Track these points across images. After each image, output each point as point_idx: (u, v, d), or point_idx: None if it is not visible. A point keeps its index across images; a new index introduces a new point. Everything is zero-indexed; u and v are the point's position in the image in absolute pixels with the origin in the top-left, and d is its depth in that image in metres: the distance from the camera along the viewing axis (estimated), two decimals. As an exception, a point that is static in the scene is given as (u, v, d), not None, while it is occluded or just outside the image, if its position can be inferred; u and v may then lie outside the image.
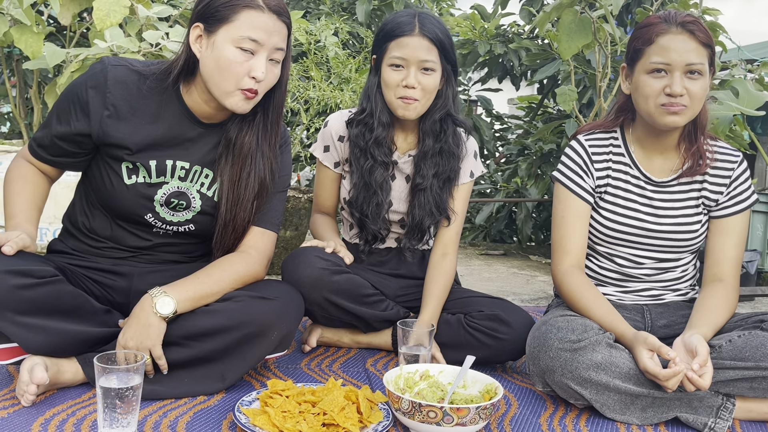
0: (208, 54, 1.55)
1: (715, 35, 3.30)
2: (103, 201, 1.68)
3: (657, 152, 1.81)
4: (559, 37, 2.77)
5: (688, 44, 1.66)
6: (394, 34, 1.89)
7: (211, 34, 1.55)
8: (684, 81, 1.66)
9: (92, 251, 1.71)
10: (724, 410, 1.58)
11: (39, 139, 1.67)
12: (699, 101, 1.69)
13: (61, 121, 1.62)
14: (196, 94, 1.64)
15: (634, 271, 1.84)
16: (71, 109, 1.60)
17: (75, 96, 1.59)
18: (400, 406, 1.44)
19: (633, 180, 1.83)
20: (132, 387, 1.31)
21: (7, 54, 3.69)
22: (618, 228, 1.81)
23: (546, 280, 3.77)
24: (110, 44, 2.72)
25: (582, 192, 1.84)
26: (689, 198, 1.81)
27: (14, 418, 1.43)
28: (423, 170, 2.01)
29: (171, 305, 1.54)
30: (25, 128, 3.61)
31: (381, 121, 1.97)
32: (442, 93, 1.98)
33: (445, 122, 2.00)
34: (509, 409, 1.66)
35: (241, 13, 1.52)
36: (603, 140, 1.86)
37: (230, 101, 1.58)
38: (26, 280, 1.44)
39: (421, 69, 1.89)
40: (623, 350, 1.61)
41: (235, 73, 1.54)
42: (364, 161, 1.99)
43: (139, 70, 1.62)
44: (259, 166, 1.70)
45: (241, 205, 1.69)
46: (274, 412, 1.40)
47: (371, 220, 2.02)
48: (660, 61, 1.68)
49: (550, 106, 5.86)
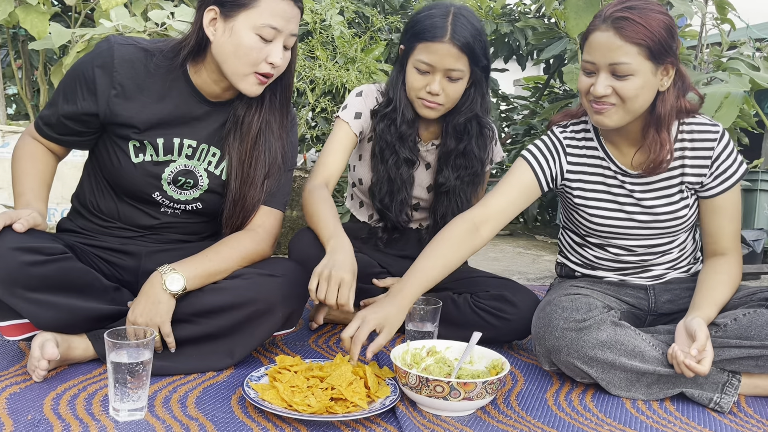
0: (225, 38, 1.54)
1: (724, 13, 3.27)
2: (110, 180, 1.69)
3: (626, 145, 1.75)
4: (566, 15, 2.75)
5: (612, 42, 1.56)
6: (424, 36, 1.81)
7: (228, 18, 1.53)
8: (610, 80, 1.59)
9: (101, 230, 1.72)
10: (730, 386, 1.59)
11: (45, 117, 1.67)
12: (632, 101, 1.60)
13: (68, 100, 1.62)
14: (205, 74, 1.63)
15: (630, 257, 1.83)
16: (78, 88, 1.60)
17: (81, 75, 1.59)
18: (408, 381, 1.45)
19: (610, 173, 1.79)
20: (142, 362, 1.33)
21: (12, 35, 3.69)
22: (604, 223, 1.80)
23: (551, 260, 3.78)
24: (116, 24, 2.72)
25: (538, 170, 1.79)
26: (669, 186, 1.75)
27: (26, 392, 1.45)
28: (446, 172, 1.97)
29: (180, 282, 1.55)
30: (32, 109, 3.61)
31: (405, 117, 1.92)
32: (468, 96, 1.92)
33: (469, 123, 1.95)
34: (515, 384, 1.68)
35: (262, 0, 1.52)
36: (576, 134, 1.83)
37: (244, 84, 1.58)
38: (36, 257, 1.45)
39: (447, 76, 1.83)
40: (628, 328, 1.62)
41: (254, 59, 1.54)
42: (389, 155, 1.96)
43: (145, 48, 1.61)
44: (269, 145, 1.70)
45: (251, 184, 1.69)
46: (283, 387, 1.42)
47: (394, 214, 2.00)
48: (587, 60, 1.63)
49: (556, 86, 5.83)
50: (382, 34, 4.74)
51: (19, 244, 1.44)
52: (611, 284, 1.86)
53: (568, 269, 1.95)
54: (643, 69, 1.58)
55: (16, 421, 1.31)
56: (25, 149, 1.71)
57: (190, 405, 1.44)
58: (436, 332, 1.77)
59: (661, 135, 1.67)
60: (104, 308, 1.57)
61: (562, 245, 1.98)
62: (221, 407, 1.44)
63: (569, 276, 1.96)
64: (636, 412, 1.54)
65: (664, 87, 1.64)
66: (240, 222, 1.73)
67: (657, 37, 1.56)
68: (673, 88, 1.66)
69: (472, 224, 1.72)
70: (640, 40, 1.55)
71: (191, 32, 1.60)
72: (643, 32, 1.55)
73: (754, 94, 2.63)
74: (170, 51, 1.62)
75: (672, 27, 1.60)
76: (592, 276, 1.89)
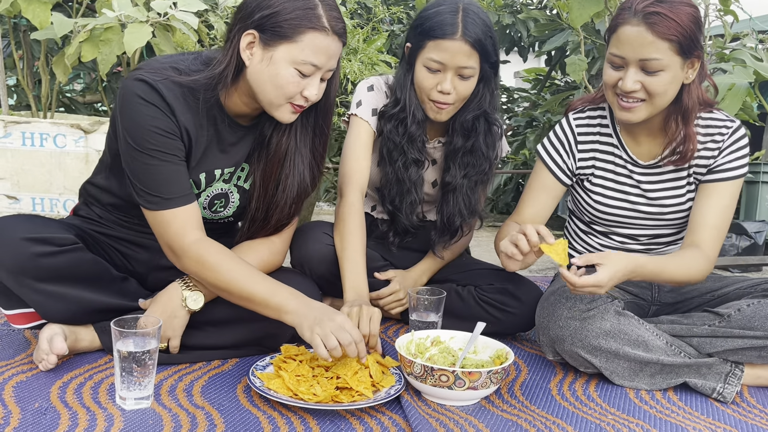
0: (263, 67, 1.46)
1: (727, 5, 3.26)
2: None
3: (643, 134, 1.75)
4: (570, 6, 2.75)
5: (644, 38, 1.54)
6: (434, 34, 1.75)
7: (268, 47, 1.45)
8: (639, 75, 1.58)
9: (119, 222, 1.68)
10: (733, 376, 1.59)
11: (162, 195, 1.48)
12: (661, 96, 1.60)
13: (165, 158, 1.48)
14: (237, 97, 1.55)
15: (634, 246, 1.84)
16: (161, 139, 1.46)
17: (152, 128, 1.45)
18: (413, 370, 1.45)
19: (620, 162, 1.79)
20: (148, 351, 1.33)
21: (13, 25, 3.68)
22: (608, 211, 1.80)
23: (553, 252, 3.78)
24: (118, 13, 2.71)
25: (557, 170, 1.83)
26: (678, 178, 1.75)
27: (33, 381, 1.45)
28: (452, 170, 1.93)
29: (201, 301, 1.56)
30: (34, 100, 3.61)
31: (415, 118, 1.86)
32: (477, 93, 1.86)
33: (477, 121, 1.90)
34: (519, 374, 1.68)
35: (306, 35, 1.43)
36: (592, 120, 1.83)
37: (278, 113, 1.52)
38: (46, 248, 1.45)
39: (459, 74, 1.78)
40: (632, 317, 1.62)
41: (290, 93, 1.48)
42: (398, 156, 1.90)
43: (181, 83, 1.49)
44: (298, 169, 1.64)
45: (276, 207, 1.65)
46: (288, 376, 1.42)
47: (405, 216, 1.96)
48: (616, 54, 1.60)
49: (557, 78, 5.82)
50: (383, 24, 4.73)
51: (31, 235, 1.44)
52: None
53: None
54: (673, 64, 1.57)
55: (23, 409, 1.32)
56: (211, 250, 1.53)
57: (195, 394, 1.44)
58: (440, 322, 1.77)
59: (687, 128, 1.66)
60: (112, 302, 1.57)
61: (568, 233, 1.99)
62: (227, 396, 1.44)
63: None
64: (639, 401, 1.55)
65: (689, 80, 1.63)
66: (257, 236, 1.70)
67: (687, 32, 1.55)
68: (697, 80, 1.65)
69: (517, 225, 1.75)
70: (672, 35, 1.53)
71: (228, 57, 1.49)
72: (675, 27, 1.54)
73: (758, 85, 2.63)
74: (210, 84, 1.51)
75: (699, 19, 1.59)
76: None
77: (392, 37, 4.69)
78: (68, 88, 4.96)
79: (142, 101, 1.44)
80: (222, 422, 1.32)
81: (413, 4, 5.02)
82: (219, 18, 3.21)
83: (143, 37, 2.65)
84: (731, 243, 3.61)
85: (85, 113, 4.55)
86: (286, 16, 1.43)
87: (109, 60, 2.77)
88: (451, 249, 2.04)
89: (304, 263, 1.87)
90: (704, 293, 1.80)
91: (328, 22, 1.45)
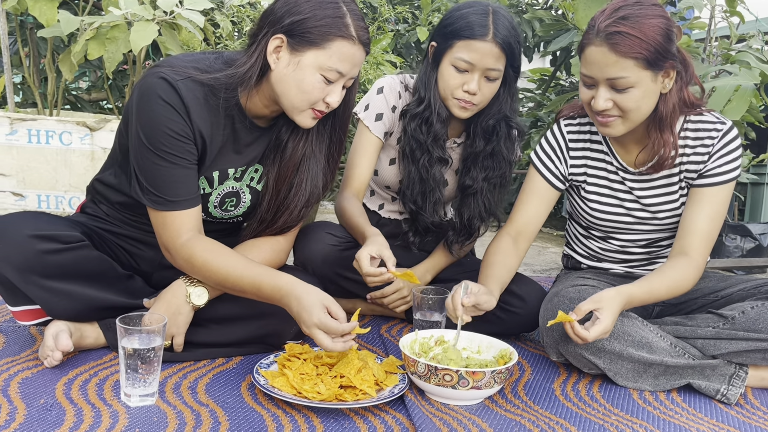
0: (289, 71, 1.48)
1: (733, 6, 3.25)
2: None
3: (631, 143, 1.74)
4: (576, 6, 2.75)
5: (608, 58, 1.53)
6: (464, 34, 1.76)
7: (296, 52, 1.47)
8: (610, 94, 1.57)
9: (126, 221, 1.68)
10: (737, 378, 1.59)
11: (169, 197, 1.49)
12: (634, 111, 1.58)
13: (175, 161, 1.48)
14: (257, 99, 1.56)
15: (634, 249, 1.84)
16: (174, 142, 1.47)
17: (167, 130, 1.45)
18: (416, 369, 1.46)
19: (611, 168, 1.79)
20: (153, 348, 1.34)
21: (20, 23, 3.69)
22: (604, 217, 1.80)
23: (557, 252, 3.78)
24: (125, 12, 2.72)
25: (549, 176, 1.83)
26: (670, 183, 1.74)
27: (38, 378, 1.46)
28: (473, 173, 1.94)
29: (205, 297, 1.57)
30: (40, 97, 3.62)
31: (440, 116, 1.87)
32: (499, 96, 1.87)
33: (498, 124, 1.91)
34: (523, 374, 1.69)
35: (334, 42, 1.46)
36: (582, 127, 1.83)
37: (299, 117, 1.53)
38: (53, 245, 1.46)
39: (485, 76, 1.79)
40: (635, 318, 1.63)
41: (314, 98, 1.50)
42: (421, 154, 1.91)
43: (204, 82, 1.49)
44: (312, 173, 1.65)
45: (286, 209, 1.66)
46: (293, 374, 1.43)
47: (428, 214, 1.97)
48: (585, 74, 1.60)
49: (562, 78, 5.81)
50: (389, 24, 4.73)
51: (37, 232, 1.45)
52: (617, 276, 1.87)
53: (575, 261, 1.96)
54: (642, 79, 1.55)
55: (29, 405, 1.33)
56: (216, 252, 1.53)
57: (200, 391, 1.45)
58: (443, 322, 1.77)
59: (664, 135, 1.65)
60: (117, 300, 1.57)
61: (569, 236, 1.99)
62: (231, 394, 1.45)
63: (575, 268, 1.97)
64: (643, 402, 1.55)
65: (666, 89, 1.61)
66: (263, 236, 1.70)
67: (653, 46, 1.52)
68: (676, 86, 1.62)
69: (509, 237, 1.82)
70: (636, 53, 1.51)
71: (253, 59, 1.50)
72: (638, 44, 1.51)
73: (764, 87, 2.63)
74: (232, 85, 1.51)
75: (669, 29, 1.55)
76: (598, 268, 1.90)
77: (397, 36, 4.69)
78: (74, 86, 4.98)
79: (161, 101, 1.44)
80: (226, 420, 1.32)
81: (418, 3, 5.02)
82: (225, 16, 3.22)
83: (149, 36, 2.66)
84: (736, 245, 3.61)
85: (90, 111, 4.56)
86: (316, 23, 1.45)
87: (115, 58, 2.78)
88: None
89: (307, 263, 1.88)
90: (707, 294, 1.80)
91: (355, 32, 1.48)
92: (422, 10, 4.64)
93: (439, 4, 4.75)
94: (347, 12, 1.48)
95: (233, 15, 3.34)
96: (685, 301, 1.83)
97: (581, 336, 1.50)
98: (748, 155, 3.76)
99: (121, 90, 4.48)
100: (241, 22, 3.29)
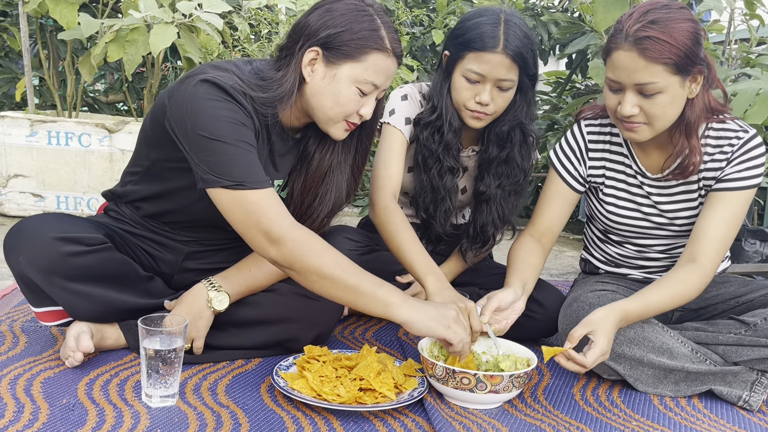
0: (325, 84, 1.48)
1: (753, 9, 3.23)
2: (182, 209, 1.61)
3: (653, 147, 1.72)
4: (594, 9, 2.74)
5: (636, 63, 1.50)
6: (474, 45, 1.73)
7: (331, 65, 1.47)
8: (637, 99, 1.55)
9: (149, 227, 1.67)
10: (759, 385, 1.58)
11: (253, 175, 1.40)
12: (660, 118, 1.56)
13: (249, 149, 1.42)
14: (290, 111, 1.55)
15: (652, 255, 1.82)
16: (243, 130, 1.42)
17: (233, 121, 1.40)
18: (434, 372, 1.46)
19: (630, 172, 1.77)
20: (175, 349, 1.35)
21: (40, 25, 3.73)
22: (621, 221, 1.79)
23: (574, 255, 3.76)
24: (144, 14, 2.74)
25: (569, 178, 1.82)
26: (688, 191, 1.72)
27: (60, 377, 1.47)
28: (486, 179, 1.91)
29: (226, 302, 1.58)
30: (59, 99, 3.65)
31: (452, 126, 1.84)
32: (514, 103, 1.84)
33: (513, 131, 1.88)
34: (542, 379, 1.68)
35: (370, 55, 1.46)
36: (603, 128, 1.81)
37: (333, 129, 1.53)
38: (76, 248, 1.47)
39: (498, 86, 1.76)
40: (656, 324, 1.61)
41: (349, 111, 1.50)
42: (433, 163, 1.89)
43: (247, 94, 1.46)
44: (338, 184, 1.65)
45: (309, 218, 1.65)
46: (312, 377, 1.43)
47: (439, 224, 1.95)
48: (612, 79, 1.57)
49: (578, 81, 5.79)
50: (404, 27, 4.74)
51: (61, 234, 1.46)
52: (636, 281, 1.86)
53: (592, 266, 1.95)
54: (671, 84, 1.53)
55: (51, 405, 1.34)
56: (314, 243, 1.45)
57: (220, 392, 1.45)
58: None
59: (690, 141, 1.63)
60: (139, 301, 1.58)
61: (586, 240, 1.98)
62: (251, 395, 1.45)
63: (593, 272, 1.96)
64: (664, 408, 1.54)
65: (693, 94, 1.59)
66: None
67: (683, 51, 1.50)
68: (702, 91, 1.61)
69: (532, 239, 1.81)
70: (666, 58, 1.49)
71: (290, 73, 1.49)
72: (668, 49, 1.49)
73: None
74: (272, 99, 1.49)
75: (697, 32, 1.53)
76: (616, 273, 1.89)
77: (413, 39, 4.69)
78: (91, 88, 5.02)
79: (218, 98, 1.39)
80: (246, 421, 1.33)
81: (434, 6, 5.02)
82: (243, 19, 3.24)
83: (169, 38, 2.68)
84: (755, 249, 3.57)
85: (108, 113, 4.60)
86: (352, 35, 1.45)
87: (134, 60, 2.81)
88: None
89: None
90: (728, 299, 1.79)
91: (390, 44, 1.48)
92: (437, 12, 4.64)
93: (454, 7, 4.75)
94: (381, 25, 1.48)
95: (251, 18, 3.35)
96: (705, 307, 1.81)
97: (579, 363, 1.45)
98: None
99: (138, 92, 4.52)
100: (258, 25, 3.30)
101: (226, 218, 1.42)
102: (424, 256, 1.66)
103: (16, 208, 3.44)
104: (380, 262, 1.90)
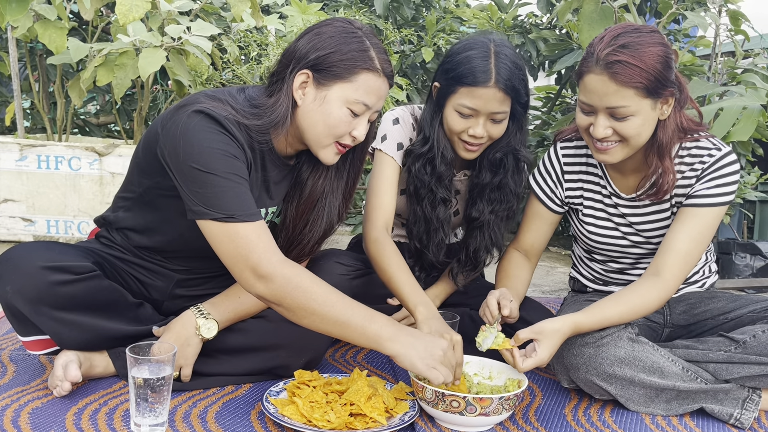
0: (315, 106, 1.48)
1: (738, 24, 3.26)
2: (173, 239, 1.61)
3: (628, 169, 1.73)
4: (580, 27, 2.76)
5: (608, 87, 1.51)
6: (466, 81, 1.71)
7: (321, 87, 1.48)
8: (609, 122, 1.56)
9: (141, 255, 1.66)
10: (750, 402, 1.58)
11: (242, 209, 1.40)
12: (634, 138, 1.57)
13: (241, 182, 1.42)
14: (283, 137, 1.56)
15: (633, 272, 1.84)
16: (235, 162, 1.42)
17: (225, 153, 1.40)
18: (425, 395, 1.45)
19: (606, 193, 1.79)
20: (163, 377, 1.34)
21: (29, 49, 3.74)
22: (602, 240, 1.81)
23: (565, 272, 3.77)
24: (133, 39, 2.75)
25: (547, 200, 1.86)
26: (661, 210, 1.74)
27: (48, 408, 1.46)
28: (479, 205, 1.90)
29: (215, 329, 1.57)
30: (49, 122, 3.65)
31: (444, 158, 1.83)
32: (507, 131, 1.81)
33: (506, 158, 1.86)
34: (534, 400, 1.67)
35: (360, 75, 1.47)
36: (579, 150, 1.83)
37: (323, 153, 1.53)
38: (64, 276, 1.46)
39: (491, 119, 1.75)
40: (646, 343, 1.61)
41: (340, 132, 1.50)
42: (425, 194, 1.86)
43: (241, 123, 1.47)
44: (330, 209, 1.66)
45: (299, 244, 1.66)
46: (302, 403, 1.42)
47: (432, 254, 1.93)
48: (584, 101, 1.59)
49: (568, 97, 5.83)
50: (393, 46, 4.76)
51: (49, 263, 1.45)
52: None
53: (581, 284, 1.95)
54: (642, 107, 1.54)
55: (39, 436, 1.33)
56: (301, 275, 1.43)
57: (210, 420, 1.44)
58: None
59: (663, 162, 1.64)
60: (128, 329, 1.58)
61: (574, 258, 1.99)
62: (241, 422, 1.44)
63: (581, 291, 1.96)
64: (655, 427, 1.53)
65: (664, 115, 1.61)
66: None
67: (653, 75, 1.51)
68: (674, 112, 1.62)
69: (517, 253, 1.90)
70: (636, 82, 1.50)
71: (282, 99, 1.49)
72: (639, 74, 1.50)
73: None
74: (266, 126, 1.49)
75: (668, 56, 1.54)
76: (604, 291, 1.89)
77: (403, 57, 4.72)
78: (82, 110, 5.02)
79: (211, 130, 1.40)
80: (236, 449, 1.32)
81: (423, 23, 5.05)
82: (232, 42, 3.25)
83: (158, 62, 2.69)
84: (746, 263, 3.59)
85: (98, 134, 4.60)
86: (341, 56, 1.46)
87: (124, 84, 2.81)
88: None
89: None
90: (717, 315, 1.79)
91: (379, 64, 1.49)
92: (427, 31, 4.67)
93: (444, 25, 4.78)
94: (371, 45, 1.49)
95: (240, 40, 3.37)
96: (695, 323, 1.82)
97: (515, 366, 1.51)
98: (756, 173, 3.75)
99: (129, 114, 4.52)
100: (247, 47, 3.32)
101: (215, 251, 1.41)
102: (414, 286, 1.68)
103: (6, 233, 3.42)
104: (372, 285, 1.89)
